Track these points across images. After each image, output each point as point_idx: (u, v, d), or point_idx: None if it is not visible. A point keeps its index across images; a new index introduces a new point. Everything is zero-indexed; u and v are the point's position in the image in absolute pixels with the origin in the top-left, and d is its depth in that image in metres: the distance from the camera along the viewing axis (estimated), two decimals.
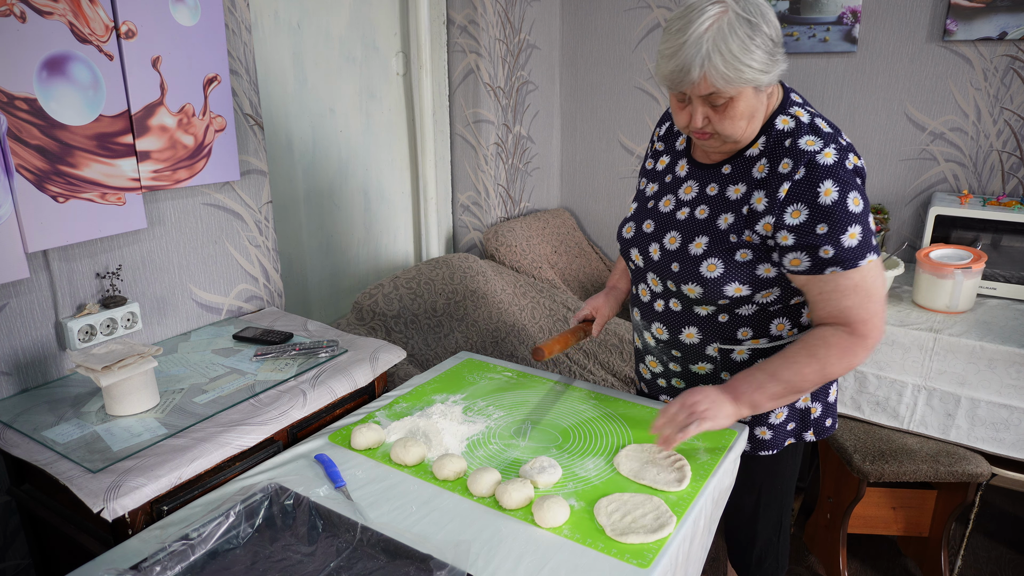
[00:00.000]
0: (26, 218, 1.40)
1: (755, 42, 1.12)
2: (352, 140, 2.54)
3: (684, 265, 1.31)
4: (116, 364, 1.32)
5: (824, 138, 1.20)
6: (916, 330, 1.99)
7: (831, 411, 1.45)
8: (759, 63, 1.13)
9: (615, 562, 1.01)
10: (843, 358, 1.22)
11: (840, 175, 1.17)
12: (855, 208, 1.17)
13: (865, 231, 1.18)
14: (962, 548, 2.17)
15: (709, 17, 1.12)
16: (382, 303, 2.24)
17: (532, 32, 3.02)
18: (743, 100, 1.17)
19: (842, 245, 1.17)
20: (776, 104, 1.26)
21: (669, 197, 1.38)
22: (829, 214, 1.17)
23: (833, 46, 2.58)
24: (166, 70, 1.60)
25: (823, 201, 1.17)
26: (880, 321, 1.22)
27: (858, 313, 1.21)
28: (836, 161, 1.17)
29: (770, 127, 1.24)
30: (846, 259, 1.18)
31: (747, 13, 1.12)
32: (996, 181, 2.44)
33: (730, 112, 1.18)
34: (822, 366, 1.22)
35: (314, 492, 1.15)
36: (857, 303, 1.21)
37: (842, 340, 1.22)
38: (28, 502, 1.40)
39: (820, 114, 1.26)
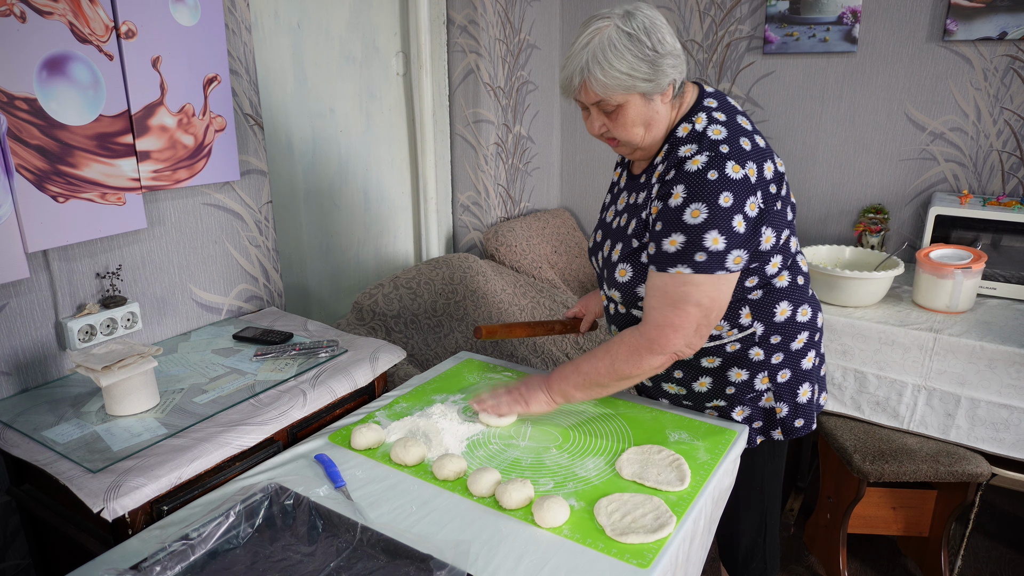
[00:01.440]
0: (26, 218, 1.40)
1: (631, 51, 1.20)
2: (352, 140, 2.54)
3: (608, 271, 1.40)
4: (116, 364, 1.32)
5: (702, 146, 1.23)
6: (916, 330, 1.99)
7: (802, 412, 1.44)
8: (639, 73, 1.21)
9: (615, 562, 1.01)
10: (631, 357, 1.29)
11: (694, 183, 1.20)
12: (690, 219, 1.20)
13: (689, 243, 1.21)
14: (962, 548, 2.17)
15: (591, 32, 1.22)
16: (382, 303, 2.24)
17: (532, 32, 3.02)
18: (632, 107, 1.25)
19: (661, 247, 1.24)
20: (686, 110, 1.31)
21: (612, 208, 1.47)
22: (666, 215, 1.23)
23: (833, 46, 2.58)
24: (166, 70, 1.60)
25: (670, 203, 1.23)
26: (676, 334, 1.25)
27: (654, 316, 1.27)
28: (700, 169, 1.20)
29: (672, 134, 1.30)
30: (659, 260, 1.25)
31: (628, 27, 1.20)
32: (996, 181, 2.44)
33: (621, 119, 1.26)
34: (612, 361, 1.31)
35: (314, 492, 1.15)
36: (657, 306, 1.26)
37: (635, 339, 1.29)
38: (28, 502, 1.40)
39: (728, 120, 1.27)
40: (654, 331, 1.26)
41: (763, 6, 2.69)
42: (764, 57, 2.75)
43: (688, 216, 1.20)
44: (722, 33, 2.80)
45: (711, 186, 1.19)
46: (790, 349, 1.41)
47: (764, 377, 1.41)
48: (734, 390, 1.42)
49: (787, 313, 1.38)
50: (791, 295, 1.39)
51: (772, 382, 1.42)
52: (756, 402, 1.43)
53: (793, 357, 1.42)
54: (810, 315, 1.42)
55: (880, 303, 2.18)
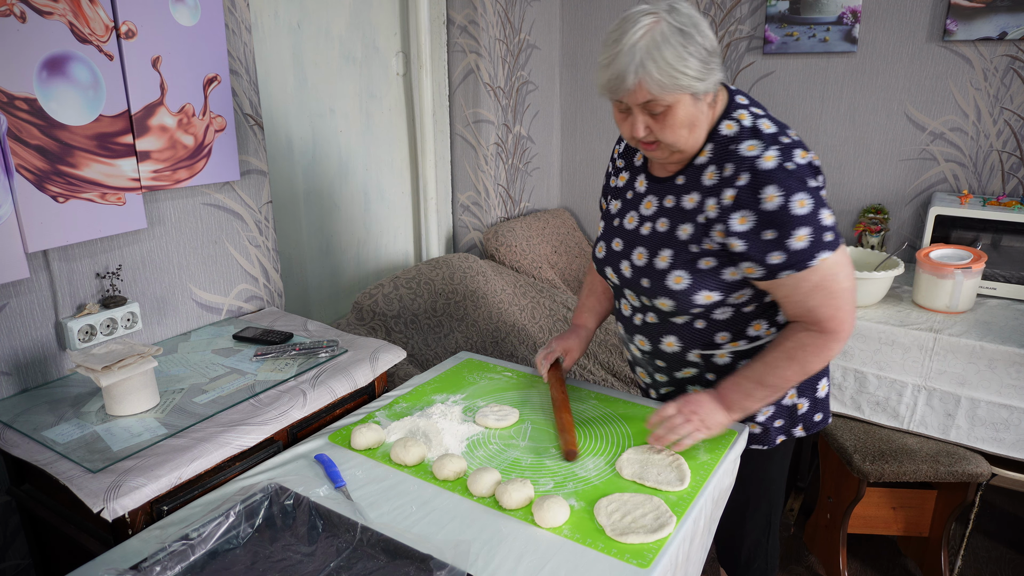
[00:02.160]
0: (26, 218, 1.40)
1: (688, 50, 1.15)
2: (352, 140, 2.54)
3: (653, 280, 1.33)
4: (116, 364, 1.32)
5: (765, 140, 1.21)
6: (916, 330, 1.99)
7: (820, 406, 1.46)
8: (693, 70, 1.16)
9: (615, 562, 1.01)
10: (819, 355, 1.25)
11: (782, 178, 1.18)
12: (800, 210, 1.17)
13: (815, 230, 1.18)
14: (962, 548, 2.17)
15: (642, 27, 1.15)
16: (382, 303, 2.24)
17: (532, 32, 3.02)
18: (681, 108, 1.19)
19: (790, 249, 1.19)
20: (721, 110, 1.28)
21: (632, 214, 1.40)
22: (774, 219, 1.18)
23: (833, 46, 2.58)
24: (166, 70, 1.60)
25: (767, 207, 1.18)
26: (847, 315, 1.24)
27: (823, 311, 1.22)
28: (777, 164, 1.18)
29: (715, 133, 1.26)
30: (797, 261, 1.19)
31: (679, 23, 1.15)
32: (996, 181, 2.44)
33: (669, 120, 1.20)
34: (801, 366, 1.26)
35: (314, 492, 1.15)
36: (820, 302, 1.22)
37: (814, 339, 1.25)
38: (28, 502, 1.40)
39: (766, 114, 1.28)
40: (830, 324, 1.23)
41: (763, 6, 2.69)
42: (764, 57, 2.75)
43: (797, 208, 1.17)
44: (722, 33, 2.80)
45: (796, 175, 1.18)
46: None
47: None
48: None
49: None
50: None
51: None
52: (783, 402, 1.42)
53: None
54: None
55: (880, 303, 2.18)
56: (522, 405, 1.47)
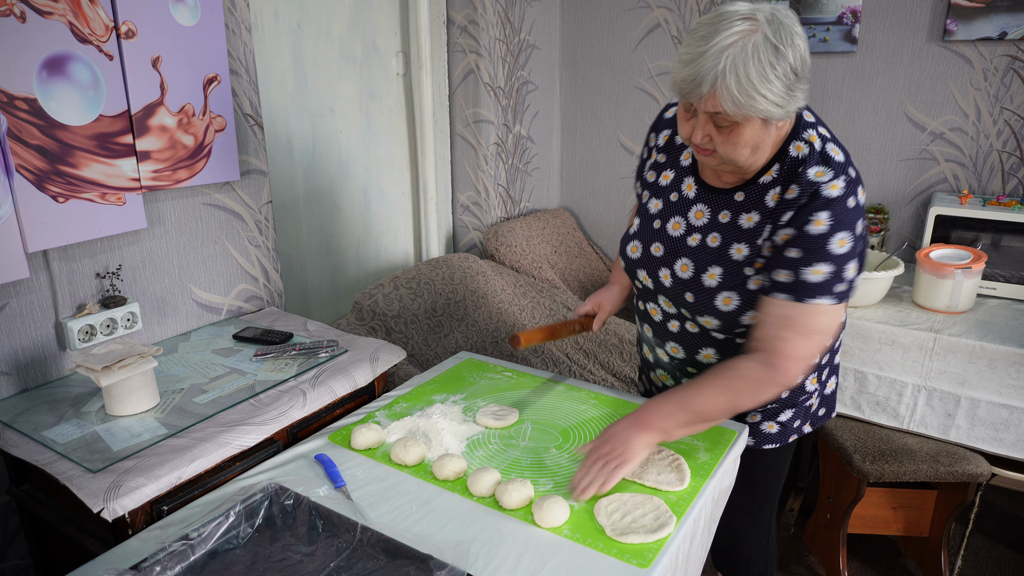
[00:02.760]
0: (26, 218, 1.40)
1: (776, 71, 1.05)
2: (352, 140, 2.54)
3: (698, 296, 1.27)
4: (116, 364, 1.32)
5: (835, 169, 1.15)
6: (916, 330, 1.99)
7: (827, 402, 1.46)
8: (774, 95, 1.07)
9: (615, 562, 1.01)
10: (755, 392, 1.19)
11: (838, 211, 1.12)
12: (837, 248, 1.13)
13: (835, 274, 1.13)
14: (962, 548, 2.17)
15: (736, 33, 1.05)
16: (382, 303, 2.24)
17: (532, 32, 3.02)
18: (749, 128, 1.11)
19: (801, 276, 1.14)
20: (790, 128, 1.20)
21: (678, 220, 1.32)
22: (808, 243, 1.13)
23: (833, 46, 2.58)
24: (166, 70, 1.60)
25: (810, 229, 1.13)
26: (801, 365, 1.17)
27: (784, 347, 1.16)
28: (841, 196, 1.13)
29: (784, 154, 1.19)
30: (799, 290, 1.15)
31: (776, 39, 1.05)
32: (996, 181, 2.44)
33: (733, 137, 1.13)
34: (732, 398, 1.19)
35: (314, 492, 1.15)
36: (789, 337, 1.16)
37: (757, 373, 1.18)
38: (28, 502, 1.40)
39: (832, 137, 1.21)
40: (783, 362, 1.16)
41: None
42: None
43: (835, 245, 1.12)
44: None
45: (852, 214, 1.13)
46: (834, 348, 1.41)
47: (814, 378, 1.39)
48: (788, 393, 1.37)
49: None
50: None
51: (819, 382, 1.41)
52: (804, 403, 1.41)
53: (833, 355, 1.42)
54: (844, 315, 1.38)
55: (880, 303, 2.18)
56: (522, 405, 1.47)
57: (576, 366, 2.48)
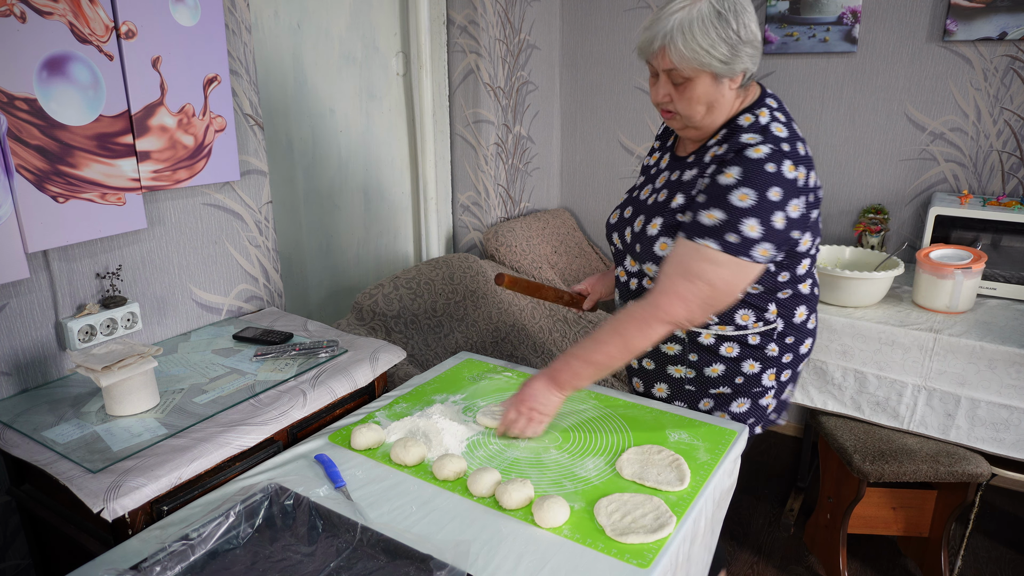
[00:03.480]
0: (26, 218, 1.40)
1: (718, 31, 1.21)
2: (352, 140, 2.54)
3: (643, 245, 1.39)
4: (116, 364, 1.32)
5: (766, 137, 1.26)
6: (916, 330, 1.99)
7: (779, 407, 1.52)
8: (718, 52, 1.22)
9: (615, 562, 1.01)
10: (641, 329, 1.29)
11: (751, 169, 1.22)
12: (737, 201, 1.22)
13: (727, 223, 1.22)
14: (962, 548, 2.17)
15: (686, 1, 1.23)
16: (382, 303, 2.24)
17: (532, 32, 3.02)
18: (700, 84, 1.26)
19: (696, 217, 1.25)
20: (749, 104, 1.33)
21: (648, 186, 1.47)
22: (712, 190, 1.25)
23: (833, 46, 2.58)
24: (166, 70, 1.60)
25: (719, 179, 1.25)
26: (681, 304, 1.26)
27: (666, 283, 1.27)
28: (760, 158, 1.22)
29: (733, 121, 1.32)
30: (690, 229, 1.26)
31: (720, 5, 1.22)
32: (996, 181, 2.44)
33: (687, 93, 1.28)
34: (624, 340, 1.30)
35: (314, 492, 1.15)
36: (671, 273, 1.27)
37: (642, 311, 1.29)
38: (28, 502, 1.40)
39: (786, 122, 1.31)
40: (662, 298, 1.27)
41: (763, 6, 2.69)
42: (764, 57, 2.75)
43: (735, 198, 1.22)
44: None
45: (766, 177, 1.22)
46: (798, 352, 1.45)
47: (772, 374, 1.44)
48: (743, 380, 1.44)
49: (803, 316, 1.43)
50: (809, 302, 1.44)
51: (776, 380, 1.45)
52: (758, 398, 1.45)
53: (797, 360, 1.47)
54: (815, 324, 1.48)
55: (880, 303, 2.18)
56: None
57: None
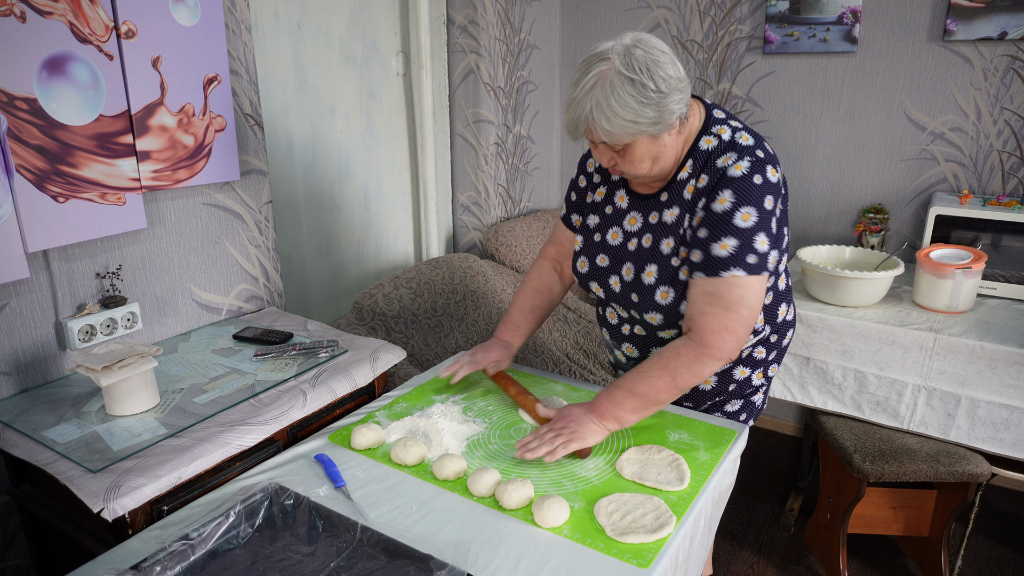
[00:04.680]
0: (26, 218, 1.40)
1: (635, 98, 1.16)
2: (352, 140, 2.54)
3: (641, 296, 1.35)
4: (116, 364, 1.32)
5: (739, 151, 1.24)
6: (916, 330, 1.99)
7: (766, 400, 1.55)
8: (645, 118, 1.18)
9: (615, 562, 1.01)
10: (691, 368, 1.25)
11: (742, 187, 1.21)
12: (741, 223, 1.21)
13: (742, 247, 1.21)
14: (962, 548, 2.17)
15: (593, 75, 1.18)
16: (382, 303, 2.24)
17: (532, 32, 3.02)
18: (639, 147, 1.23)
19: (711, 253, 1.23)
20: (699, 126, 1.30)
21: (616, 229, 1.42)
22: (714, 221, 1.23)
23: (833, 46, 2.58)
24: (166, 70, 1.60)
25: (715, 207, 1.23)
26: (731, 338, 1.24)
27: (710, 322, 1.24)
28: (744, 174, 1.22)
29: (695, 148, 1.30)
30: (708, 266, 1.23)
31: (629, 71, 1.16)
32: (996, 181, 2.44)
33: (629, 156, 1.25)
34: (672, 378, 1.26)
35: (314, 492, 1.15)
36: (712, 312, 1.24)
37: (690, 350, 1.25)
38: (28, 502, 1.40)
39: (744, 127, 1.31)
40: (710, 337, 1.24)
41: (763, 6, 2.69)
42: (764, 57, 2.75)
43: (739, 220, 1.21)
44: (722, 33, 2.80)
45: (758, 190, 1.21)
46: (781, 346, 1.48)
47: (760, 373, 1.46)
48: (735, 386, 1.45)
49: (784, 313, 1.45)
50: (786, 296, 1.45)
51: (764, 377, 1.48)
52: (749, 397, 1.48)
53: (781, 354, 1.49)
54: (793, 314, 1.49)
55: (880, 303, 2.18)
56: None
57: (576, 366, 2.49)
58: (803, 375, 2.20)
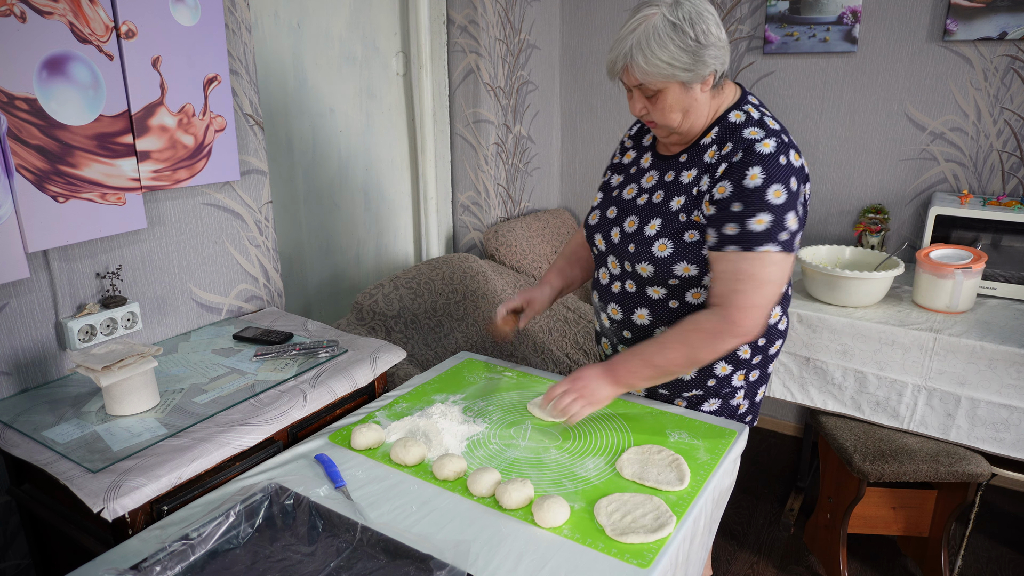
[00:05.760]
0: (26, 218, 1.40)
1: (674, 41, 1.23)
2: (352, 140, 2.54)
3: (639, 245, 1.38)
4: (116, 364, 1.32)
5: (768, 132, 1.28)
6: (916, 330, 1.99)
7: (753, 409, 1.53)
8: (680, 63, 1.24)
9: (615, 562, 1.01)
10: (711, 343, 1.28)
11: (771, 165, 1.24)
12: (774, 199, 1.23)
13: (776, 223, 1.24)
14: (962, 548, 2.17)
15: (640, 18, 1.25)
16: (382, 303, 2.24)
17: (532, 32, 3.02)
18: (671, 94, 1.28)
19: (747, 227, 1.25)
20: (731, 102, 1.36)
21: (633, 186, 1.47)
22: (747, 196, 1.25)
23: (833, 46, 2.58)
24: (166, 70, 1.60)
25: (747, 183, 1.25)
26: (758, 315, 1.27)
27: (740, 299, 1.26)
28: (772, 152, 1.25)
29: (723, 119, 1.34)
30: (746, 240, 1.25)
31: (674, 16, 1.23)
32: (996, 181, 2.44)
33: (660, 104, 1.30)
34: (691, 350, 1.30)
35: (314, 492, 1.15)
36: (743, 288, 1.26)
37: (714, 325, 1.28)
38: (28, 502, 1.40)
39: (772, 115, 1.35)
40: (738, 313, 1.26)
41: (763, 6, 2.69)
42: (764, 57, 2.75)
43: (771, 196, 1.23)
44: None
45: (785, 170, 1.24)
46: (767, 353, 1.47)
47: (741, 375, 1.46)
48: (714, 383, 1.46)
49: (777, 317, 1.44)
50: (783, 302, 1.45)
51: (746, 380, 1.47)
52: (728, 398, 1.47)
53: (766, 360, 1.48)
54: (786, 325, 1.49)
55: (880, 303, 2.18)
56: (522, 405, 1.47)
57: (576, 366, 2.49)
58: (803, 375, 2.20)
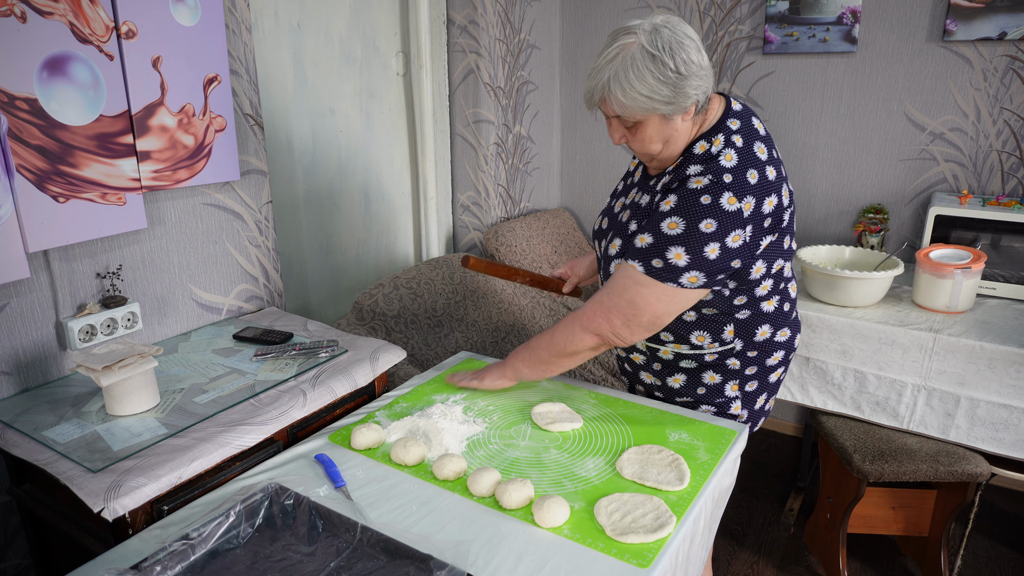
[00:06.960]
0: (26, 218, 1.40)
1: (653, 74, 1.18)
2: (352, 140, 2.54)
3: (604, 263, 1.43)
4: (116, 364, 1.32)
5: (708, 170, 1.23)
6: (916, 330, 2.00)
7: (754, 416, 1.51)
8: (659, 95, 1.20)
9: (615, 562, 1.01)
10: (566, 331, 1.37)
11: (686, 199, 1.22)
12: (665, 228, 1.24)
13: (655, 247, 1.24)
14: (962, 548, 2.17)
15: (618, 47, 1.20)
16: (382, 303, 2.24)
17: (532, 32, 3.02)
18: (650, 126, 1.25)
19: (632, 239, 1.30)
20: (709, 127, 1.29)
21: (622, 199, 1.49)
22: (649, 214, 1.28)
23: (833, 46, 2.58)
24: (166, 70, 1.60)
25: (660, 206, 1.26)
26: (603, 320, 1.31)
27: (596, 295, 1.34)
28: (697, 189, 1.22)
29: (689, 148, 1.30)
30: (625, 250, 1.32)
31: (652, 47, 1.18)
32: (996, 181, 2.44)
33: (639, 135, 1.27)
34: (551, 336, 1.40)
35: (314, 492, 1.15)
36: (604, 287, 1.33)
37: (572, 316, 1.38)
38: (28, 502, 1.40)
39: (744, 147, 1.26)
40: (589, 308, 1.34)
41: (763, 6, 2.69)
42: (764, 57, 2.75)
43: (664, 225, 1.24)
44: (722, 33, 2.80)
45: (699, 209, 1.21)
46: (764, 364, 1.46)
47: (735, 385, 1.45)
48: (705, 391, 1.46)
49: (767, 335, 1.42)
50: (775, 320, 1.42)
51: (741, 390, 1.46)
52: (724, 407, 1.47)
53: (765, 371, 1.46)
54: (788, 336, 1.46)
55: (880, 303, 2.18)
56: (522, 405, 1.47)
57: (576, 366, 2.49)
58: (803, 375, 2.20)
